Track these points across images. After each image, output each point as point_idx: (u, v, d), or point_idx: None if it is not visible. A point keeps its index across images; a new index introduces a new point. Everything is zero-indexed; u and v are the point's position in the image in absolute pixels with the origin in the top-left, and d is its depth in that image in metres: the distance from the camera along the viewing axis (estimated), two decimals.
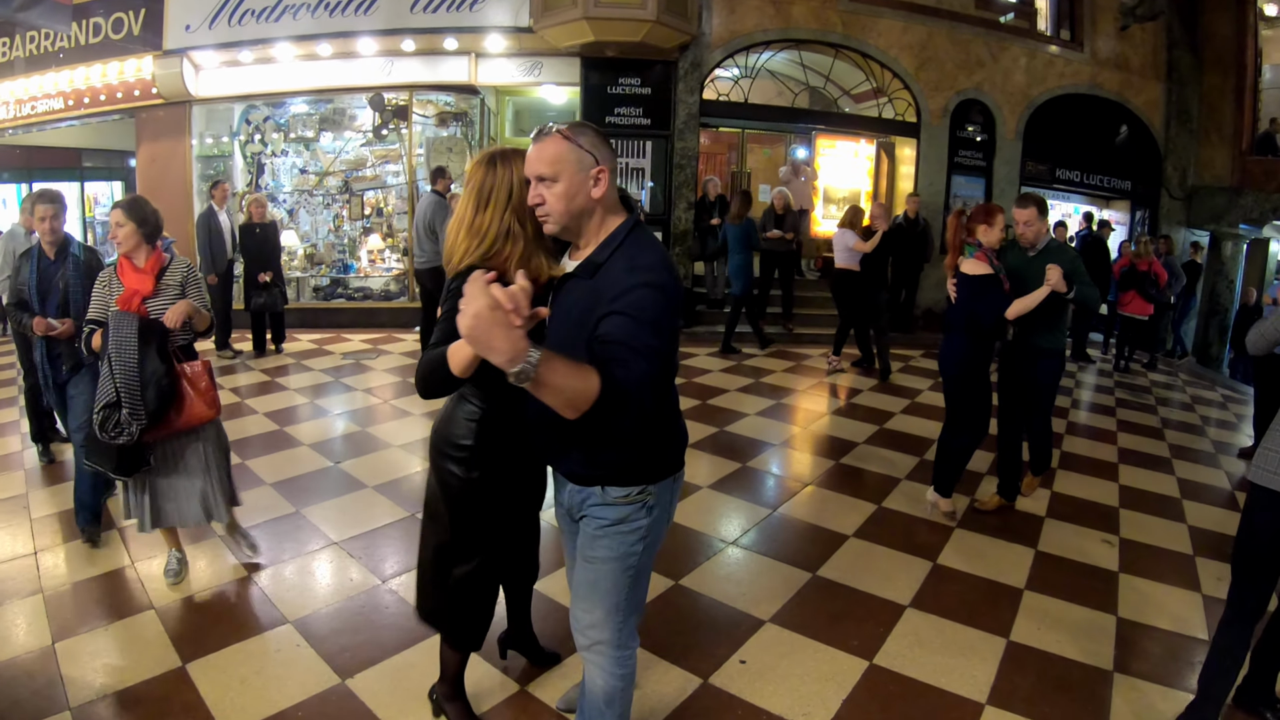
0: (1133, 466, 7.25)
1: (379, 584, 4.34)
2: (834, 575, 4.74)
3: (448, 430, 2.82)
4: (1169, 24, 14.96)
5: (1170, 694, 3.77)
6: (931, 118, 13.35)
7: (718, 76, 12.66)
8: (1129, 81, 14.90)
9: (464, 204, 2.52)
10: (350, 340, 10.77)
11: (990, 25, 13.83)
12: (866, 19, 12.87)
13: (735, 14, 12.33)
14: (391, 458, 6.31)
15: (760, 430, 7.50)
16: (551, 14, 10.90)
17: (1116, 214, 15.54)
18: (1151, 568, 5.13)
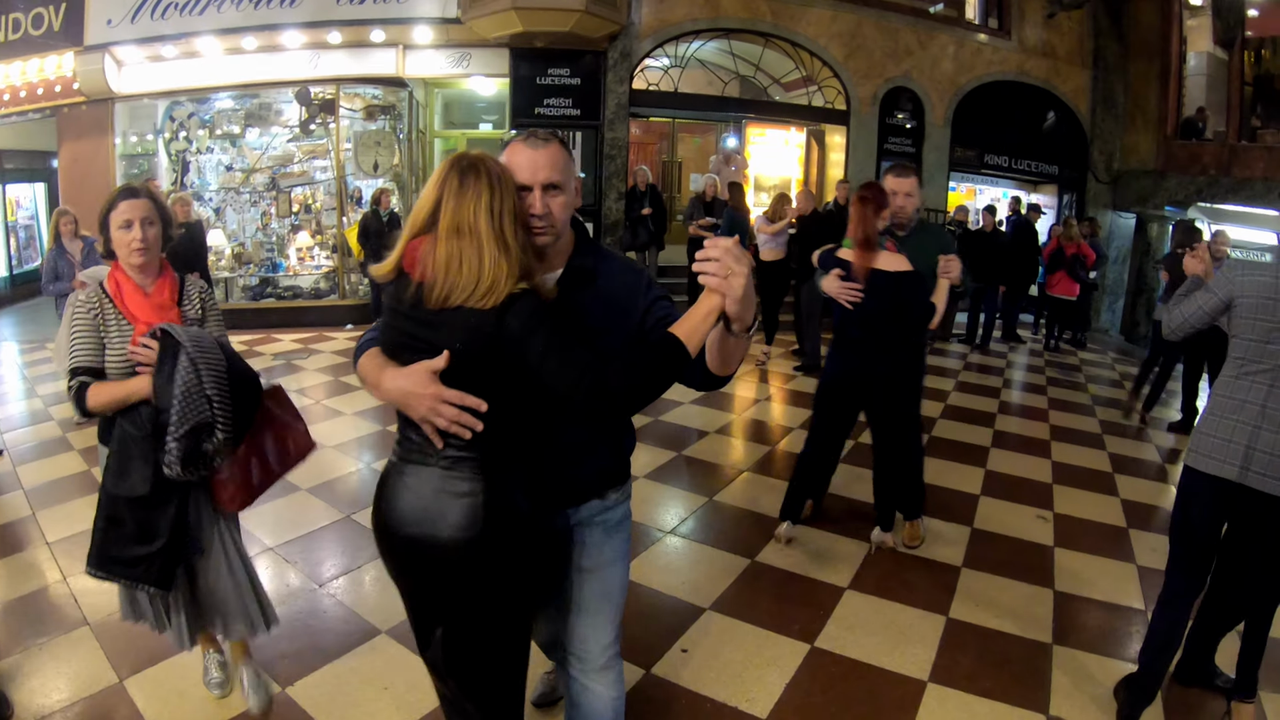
0: (1065, 443, 7.56)
1: (317, 588, 4.31)
2: (772, 560, 4.82)
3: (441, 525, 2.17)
4: (1095, 13, 15.52)
5: (1108, 663, 3.93)
6: (861, 105, 13.76)
7: (648, 66, 12.89)
8: (1056, 69, 15.43)
9: (482, 227, 2.06)
10: (281, 340, 10.69)
11: (919, 14, 14.26)
12: (796, 8, 13.20)
13: (665, 3, 12.57)
14: (325, 459, 6.19)
15: (695, 418, 7.61)
16: (480, 4, 11.00)
17: (1045, 198, 16.13)
18: (1086, 541, 5.33)
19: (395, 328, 2.15)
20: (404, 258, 2.11)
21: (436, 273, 2.03)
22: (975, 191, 15.66)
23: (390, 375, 2.09)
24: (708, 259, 1.89)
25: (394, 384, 2.06)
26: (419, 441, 2.14)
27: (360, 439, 6.76)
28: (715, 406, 8.02)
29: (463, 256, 2.03)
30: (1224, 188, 14.59)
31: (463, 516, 2.13)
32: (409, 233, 2.13)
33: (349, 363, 9.04)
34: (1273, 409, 3.04)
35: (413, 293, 2.07)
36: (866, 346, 4.56)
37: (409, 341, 2.11)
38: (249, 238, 12.04)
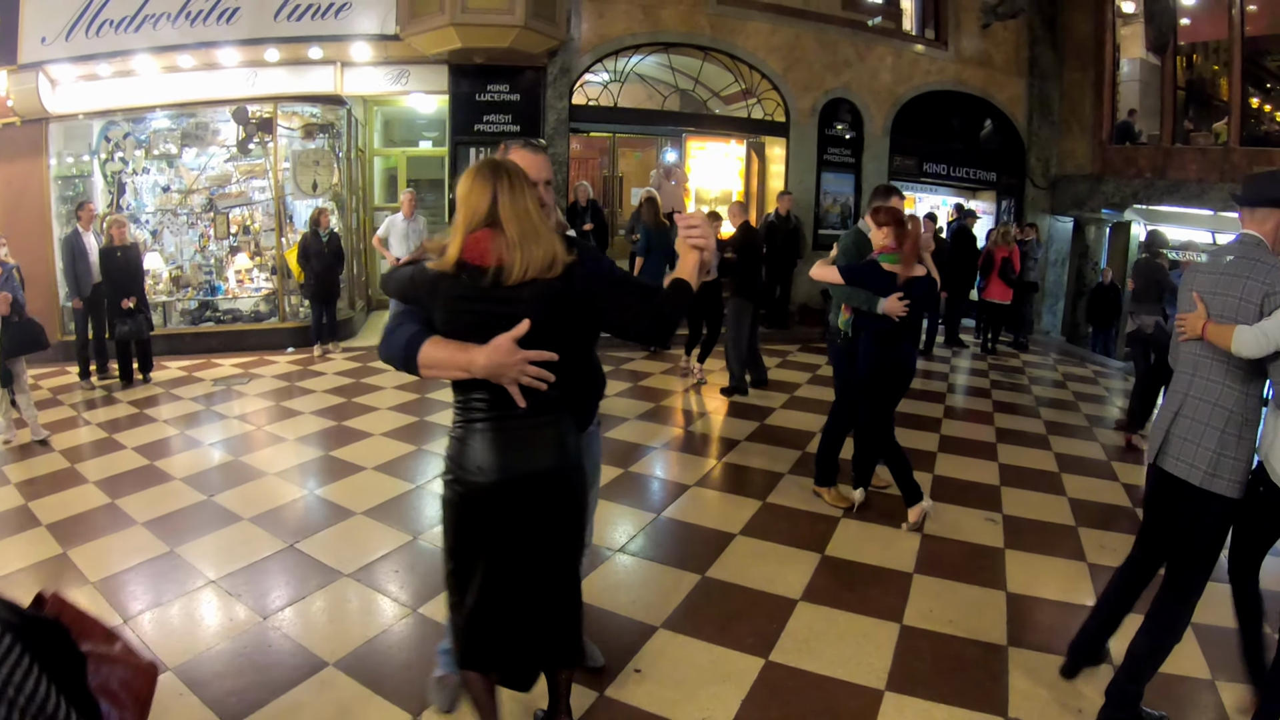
0: (1011, 445, 7.92)
1: (262, 621, 4.29)
2: (724, 575, 4.93)
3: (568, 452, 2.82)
4: (1030, 22, 16.27)
5: (1063, 662, 4.08)
6: (800, 117, 14.29)
7: (588, 81, 13.24)
8: (992, 78, 16.13)
9: (534, 214, 2.63)
10: (221, 365, 10.72)
11: (857, 26, 14.89)
12: (735, 21, 13.65)
13: (604, 18, 12.90)
14: (268, 486, 6.30)
15: (641, 434, 7.79)
16: (418, 21, 11.16)
17: (983, 204, 16.76)
18: (1036, 541, 5.56)
19: (469, 311, 2.60)
20: (465, 251, 2.59)
21: (514, 255, 2.56)
22: (915, 199, 16.24)
23: (480, 353, 2.54)
24: (693, 225, 2.75)
25: (488, 359, 2.52)
26: (491, 401, 2.66)
27: (303, 465, 6.81)
28: (659, 422, 8.30)
29: (531, 239, 2.59)
30: (1159, 190, 15.37)
31: (553, 448, 2.75)
32: (465, 229, 2.61)
33: (291, 387, 9.38)
34: (1193, 397, 3.41)
35: (491, 276, 2.57)
36: (906, 337, 5.63)
37: (484, 320, 2.58)
38: (187, 260, 12.08)
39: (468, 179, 2.67)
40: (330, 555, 5.09)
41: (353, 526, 5.56)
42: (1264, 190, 3.41)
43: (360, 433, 7.60)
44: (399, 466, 6.73)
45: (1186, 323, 3.46)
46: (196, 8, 11.16)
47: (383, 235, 10.98)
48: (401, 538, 5.37)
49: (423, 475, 6.56)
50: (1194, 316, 3.42)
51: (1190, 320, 3.43)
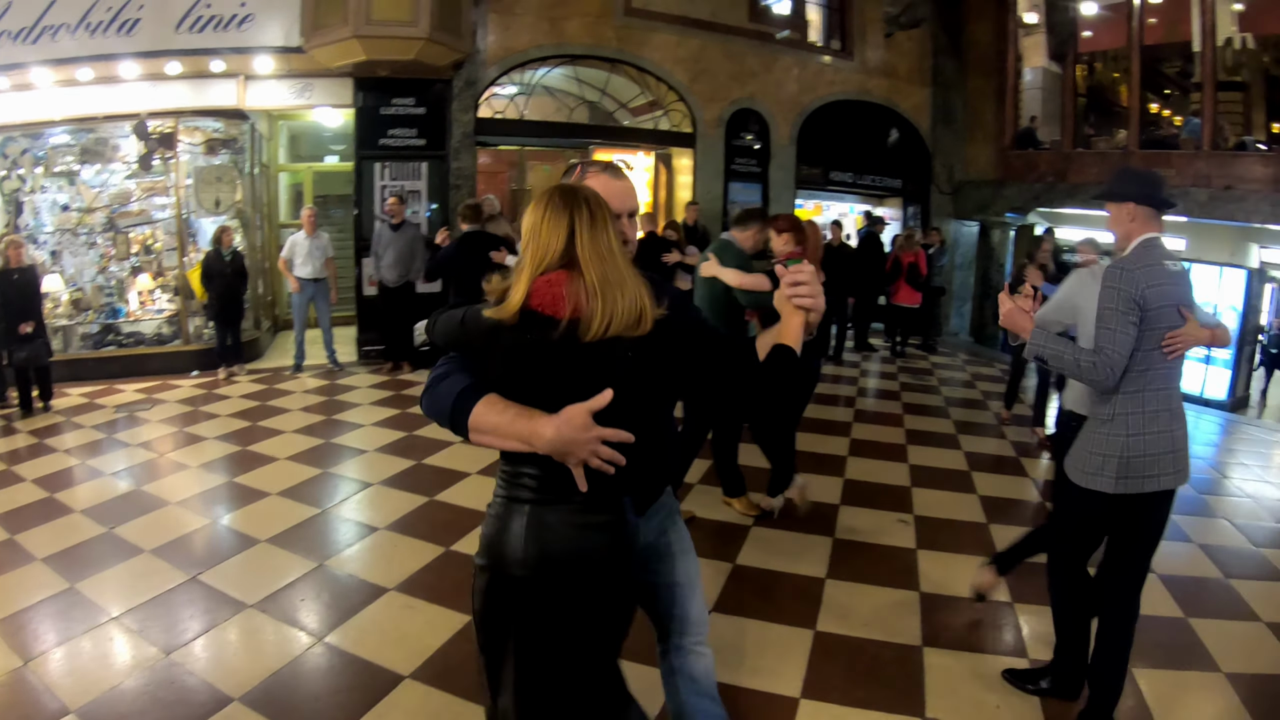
0: (921, 446, 8.27)
1: (167, 657, 4.24)
2: None
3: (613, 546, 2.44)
4: (934, 33, 17.12)
5: (981, 659, 4.31)
6: (707, 128, 14.81)
7: (494, 94, 13.50)
8: (897, 87, 16.92)
9: (619, 255, 2.26)
10: (124, 390, 10.49)
11: (763, 38, 15.46)
12: (641, 33, 14.07)
13: (510, 31, 13.15)
14: (170, 516, 6.25)
15: None
16: (322, 33, 11.17)
17: (890, 211, 17.53)
18: (948, 540, 5.74)
19: (534, 369, 2.25)
20: (533, 296, 2.20)
21: (593, 305, 2.17)
22: (822, 207, 16.83)
23: (547, 424, 2.16)
24: (800, 282, 2.30)
25: (557, 434, 2.14)
26: (543, 479, 2.29)
27: (207, 493, 6.81)
28: None
29: (616, 286, 2.20)
30: (1060, 193, 16.23)
31: (607, 544, 2.37)
32: (533, 270, 2.22)
33: (195, 411, 9.40)
34: (1174, 411, 3.63)
35: (564, 329, 2.17)
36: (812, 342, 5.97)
37: (552, 383, 2.23)
38: (87, 282, 11.82)
39: (538, 209, 2.29)
40: (235, 586, 5.08)
41: (257, 555, 5.59)
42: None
43: (265, 458, 7.66)
44: (304, 491, 6.79)
45: (1182, 339, 3.47)
46: (97, 19, 10.96)
47: (286, 256, 11.11)
48: (307, 564, 5.40)
49: (328, 499, 6.64)
50: (1191, 331, 3.48)
51: (1190, 335, 3.48)
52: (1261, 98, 19.24)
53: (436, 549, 5.67)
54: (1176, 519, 6.52)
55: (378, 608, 4.87)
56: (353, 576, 5.28)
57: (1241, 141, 15.87)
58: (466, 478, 7.10)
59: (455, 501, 6.59)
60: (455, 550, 5.64)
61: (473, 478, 7.11)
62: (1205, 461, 8.97)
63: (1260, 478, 8.53)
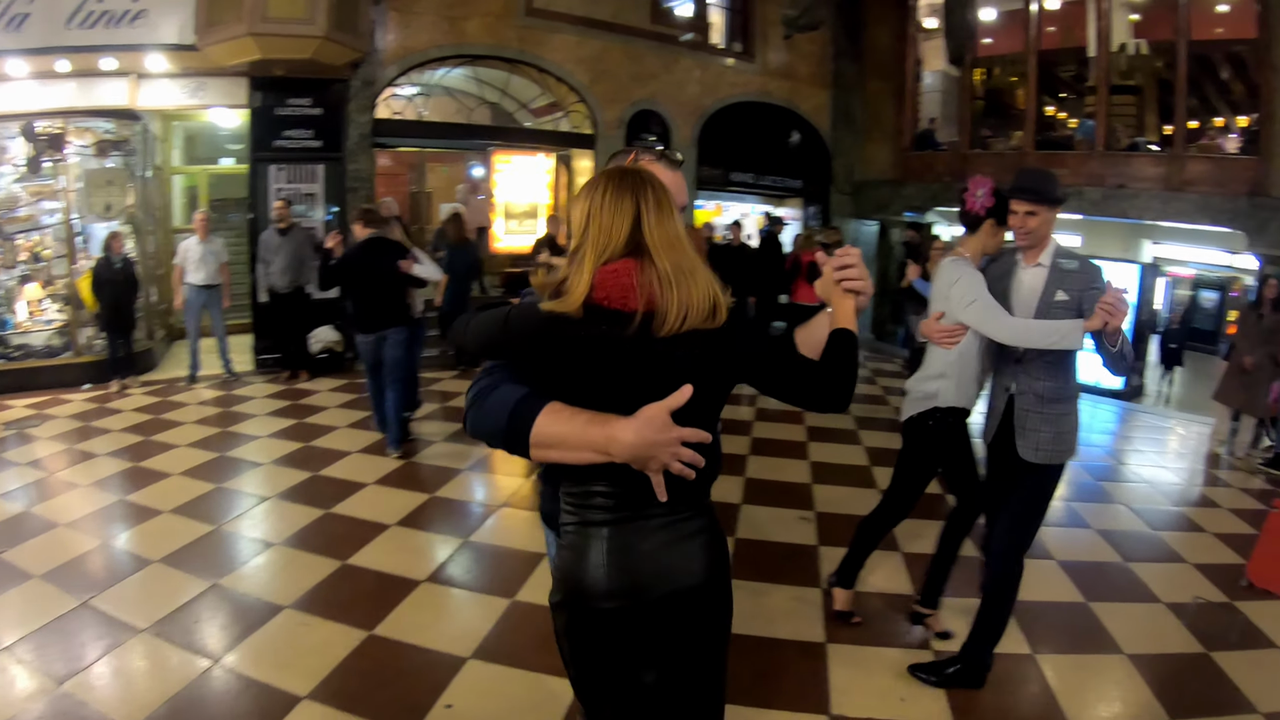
0: (821, 442, 8.50)
1: (59, 687, 4.14)
2: (534, 598, 5.03)
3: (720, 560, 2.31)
4: (835, 36, 17.84)
5: (884, 653, 4.46)
6: (607, 129, 15.12)
7: (393, 95, 13.60)
8: (798, 89, 17.61)
9: (686, 241, 2.15)
10: (12, 406, 10.09)
11: (664, 39, 15.87)
12: (542, 34, 14.28)
13: (409, 30, 13.17)
14: (60, 539, 6.07)
15: (449, 456, 8.07)
16: (215, 30, 10.92)
17: (791, 211, 18.18)
18: (849, 536, 5.41)
19: (603, 368, 2.09)
20: (599, 288, 2.05)
21: (668, 296, 2.04)
22: (722, 208, 17.31)
23: (625, 427, 2.01)
24: (848, 265, 2.23)
25: (638, 437, 1.99)
26: (619, 494, 2.13)
27: (98, 513, 6.63)
28: (465, 443, 8.47)
29: (689, 275, 2.08)
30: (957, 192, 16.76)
31: (704, 556, 2.21)
32: (596, 259, 2.08)
33: (86, 427, 9.15)
34: None
35: (638, 324, 2.03)
36: None
37: (624, 383, 2.08)
38: None
39: (598, 190, 2.14)
40: (128, 610, 4.96)
41: (151, 576, 5.48)
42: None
43: (158, 474, 7.53)
44: (198, 508, 6.69)
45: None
46: None
47: (179, 262, 10.99)
48: (201, 584, 5.32)
49: (223, 515, 6.56)
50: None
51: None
52: (1154, 101, 20.26)
53: (333, 563, 5.66)
54: (1076, 506, 7.32)
55: (274, 626, 4.84)
56: (248, 595, 5.24)
57: (1134, 143, 16.87)
58: (363, 489, 7.15)
59: (352, 513, 6.61)
60: (352, 564, 5.66)
61: (370, 488, 7.17)
62: (1103, 449, 9.66)
63: (1156, 463, 9.26)
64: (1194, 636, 5.10)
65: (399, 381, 8.20)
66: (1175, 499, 8.09)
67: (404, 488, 7.19)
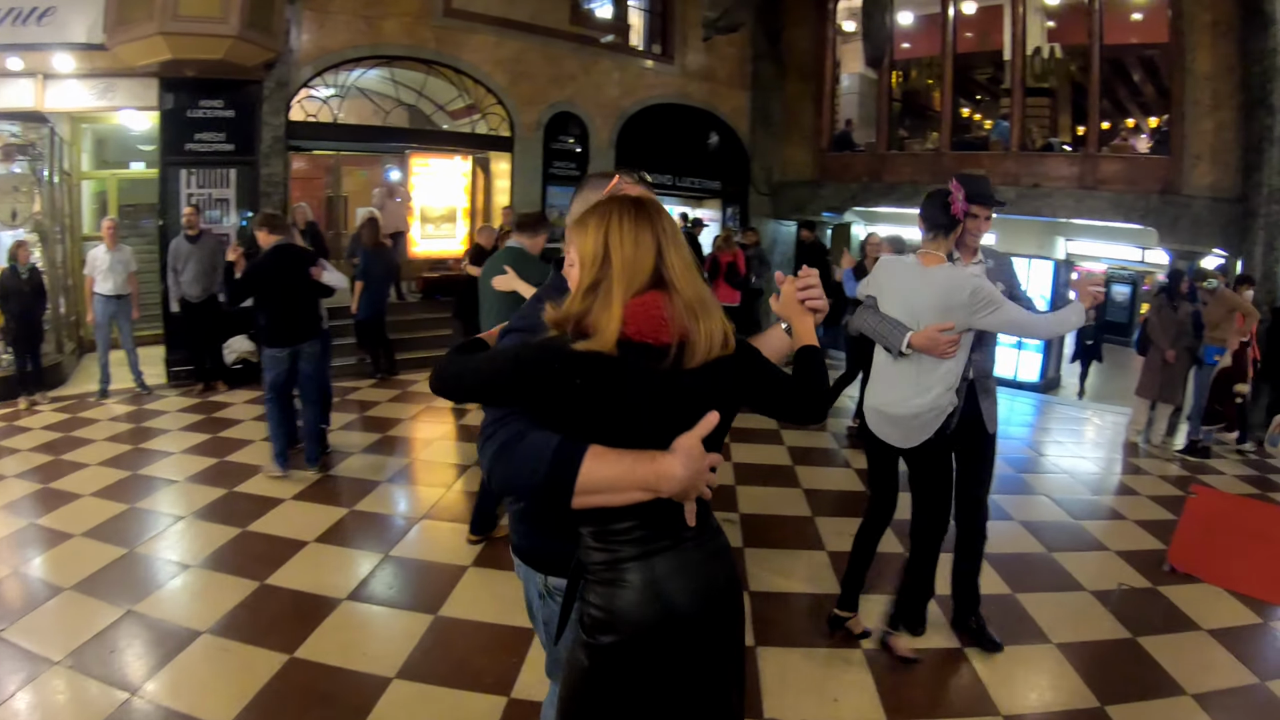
0: (744, 443, 8.63)
1: None
2: (458, 612, 5.08)
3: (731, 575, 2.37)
4: (753, 38, 18.29)
5: (812, 653, 4.57)
6: (525, 131, 15.37)
7: (309, 96, 13.50)
8: (717, 91, 18.05)
9: (695, 271, 2.19)
10: None
11: (583, 41, 16.13)
12: (460, 34, 14.41)
13: (325, 29, 13.12)
14: None
15: (369, 468, 8.04)
16: (125, 29, 10.77)
17: (710, 212, 18.56)
18: (775, 536, 6.00)
19: (641, 405, 2.10)
20: (631, 323, 2.05)
21: (694, 326, 2.10)
22: None
23: (674, 462, 2.04)
24: (810, 285, 2.53)
25: (686, 470, 2.04)
26: (647, 526, 2.14)
27: (8, 537, 6.46)
28: (392, 452, 8.65)
29: (709, 304, 2.15)
30: (875, 192, 17.59)
31: (731, 567, 2.32)
32: (625, 292, 2.07)
33: None
34: None
35: (673, 356, 2.08)
36: None
37: (661, 416, 2.11)
38: None
39: (613, 221, 2.14)
40: (41, 641, 4.83)
41: (63, 604, 5.34)
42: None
43: (69, 495, 7.33)
44: (111, 530, 6.55)
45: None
46: None
47: (89, 272, 10.76)
48: (116, 611, 5.19)
49: (137, 538, 6.41)
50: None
51: None
52: (1067, 102, 21.22)
53: (251, 584, 5.58)
54: (998, 498, 7.31)
55: (193, 653, 4.74)
56: (165, 621, 5.13)
57: (1048, 143, 17.68)
58: (280, 504, 7.10)
59: (269, 531, 6.55)
60: (270, 584, 5.59)
61: (287, 504, 7.13)
62: (1022, 441, 10.09)
63: (1074, 453, 9.75)
64: (1120, 623, 5.40)
65: (317, 395, 8.20)
66: (1095, 488, 8.56)
67: (322, 502, 7.13)
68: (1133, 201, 14.66)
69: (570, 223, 2.28)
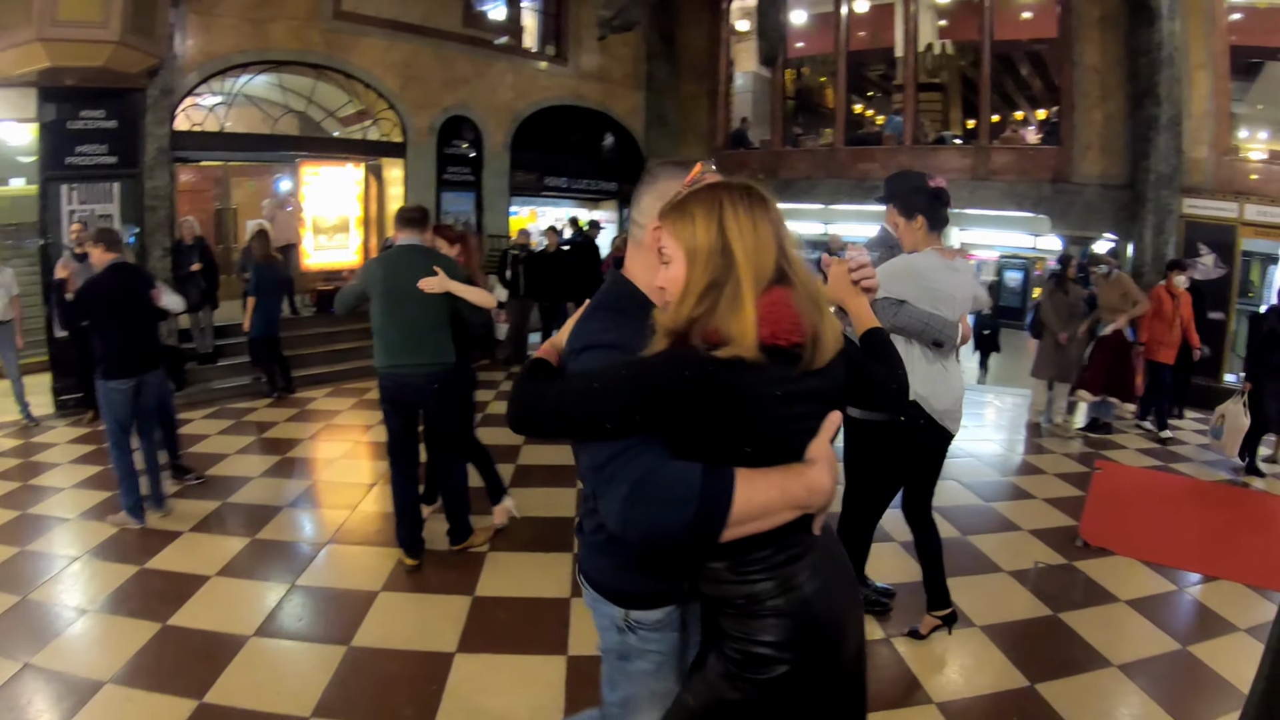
0: None
1: None
2: (372, 641, 4.96)
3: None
4: (648, 38, 18.74)
5: None
6: (418, 136, 15.52)
7: (194, 105, 13.27)
8: (611, 91, 18.46)
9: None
10: None
11: (477, 43, 16.31)
12: (349, 38, 14.38)
13: (211, 34, 12.90)
14: None
15: (269, 493, 7.71)
16: (1, 35, 10.37)
17: (606, 214, 18.96)
18: None
19: (783, 416, 1.96)
20: (767, 323, 1.89)
21: (821, 324, 1.97)
22: (537, 214, 17.88)
23: (823, 474, 1.93)
24: (863, 265, 2.42)
25: (832, 481, 1.94)
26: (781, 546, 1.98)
27: None
28: (292, 475, 8.37)
29: (823, 297, 2.02)
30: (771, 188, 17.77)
31: (845, 556, 2.22)
32: (753, 290, 1.90)
33: None
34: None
35: (808, 358, 1.95)
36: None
37: (799, 425, 1.99)
38: None
39: (729, 209, 1.95)
40: None
41: None
42: (887, 188, 4.79)
43: None
44: (2, 577, 6.08)
45: None
46: None
47: None
48: (12, 665, 4.80)
49: (29, 583, 5.99)
50: None
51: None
52: (958, 97, 22.08)
53: (153, 626, 5.23)
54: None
55: (97, 706, 4.45)
56: (65, 673, 4.76)
57: (941, 136, 18.56)
58: (179, 537, 6.73)
59: (169, 567, 6.18)
60: (173, 625, 5.25)
61: (186, 536, 6.76)
62: None
63: (978, 437, 10.19)
64: (1040, 600, 5.68)
65: (168, 427, 7.95)
66: (1002, 469, 8.99)
67: (221, 533, 6.84)
68: (1025, 190, 15.60)
69: (658, 215, 2.08)
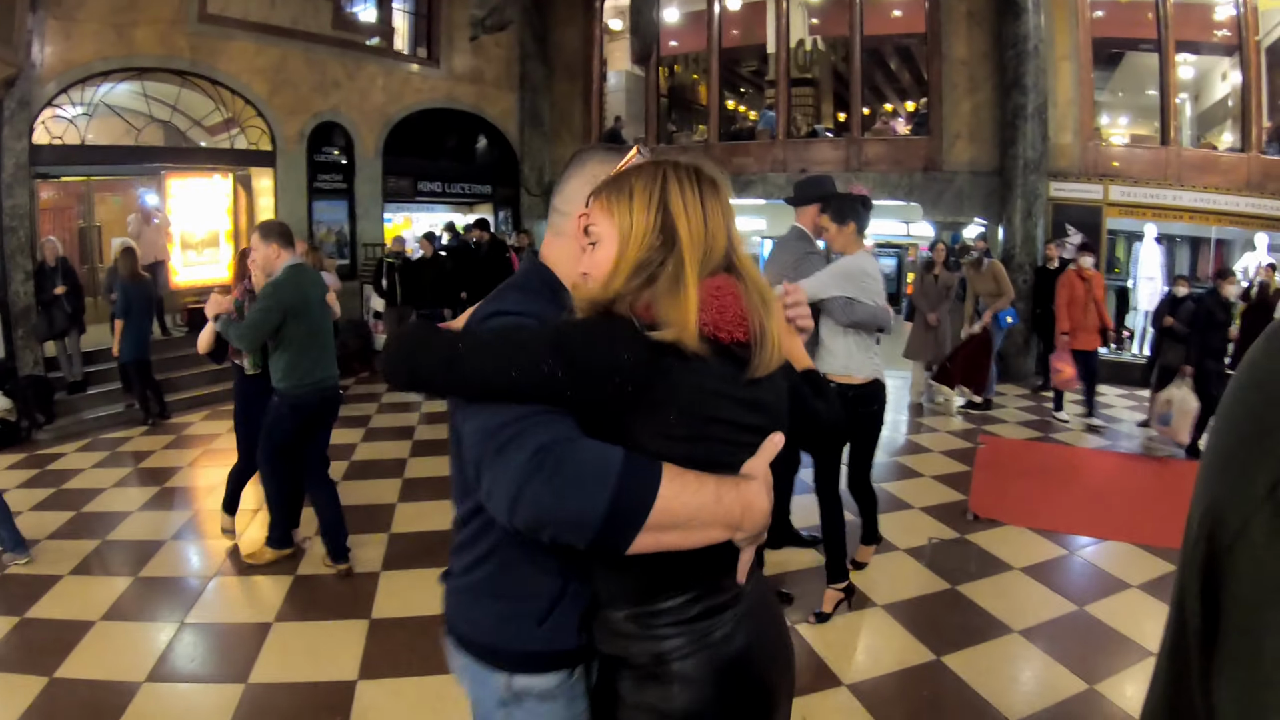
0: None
1: None
2: (269, 675, 4.84)
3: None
4: (521, 39, 19.02)
5: None
6: (287, 144, 15.51)
7: (55, 116, 12.98)
8: (485, 93, 18.74)
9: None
10: None
11: (348, 45, 16.35)
12: (216, 42, 14.19)
13: (71, 40, 12.56)
14: None
15: (150, 527, 7.38)
16: None
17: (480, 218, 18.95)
18: None
19: (723, 420, 1.71)
20: (708, 311, 1.65)
21: (768, 324, 1.73)
22: (412, 220, 18.13)
23: (759, 493, 1.66)
24: (798, 303, 2.13)
25: (764, 505, 1.67)
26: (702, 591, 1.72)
27: None
28: (173, 506, 8.08)
29: (771, 299, 1.79)
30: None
31: (779, 608, 2.04)
32: (696, 273, 1.67)
33: None
34: None
35: (754, 361, 1.72)
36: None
37: (740, 439, 1.75)
38: None
39: (674, 186, 1.73)
40: None
41: None
42: (803, 192, 5.65)
43: None
44: None
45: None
46: None
47: None
48: None
49: None
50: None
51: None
52: (830, 92, 23.07)
53: (39, 680, 4.85)
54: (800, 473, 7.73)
55: None
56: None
57: (813, 130, 19.37)
58: (59, 581, 6.28)
59: (50, 615, 5.76)
60: (60, 678, 4.89)
61: (66, 580, 6.32)
62: None
63: None
64: (938, 575, 6.03)
65: None
66: (889, 449, 9.49)
67: (102, 573, 6.46)
68: (898, 180, 16.57)
69: (586, 195, 1.91)
